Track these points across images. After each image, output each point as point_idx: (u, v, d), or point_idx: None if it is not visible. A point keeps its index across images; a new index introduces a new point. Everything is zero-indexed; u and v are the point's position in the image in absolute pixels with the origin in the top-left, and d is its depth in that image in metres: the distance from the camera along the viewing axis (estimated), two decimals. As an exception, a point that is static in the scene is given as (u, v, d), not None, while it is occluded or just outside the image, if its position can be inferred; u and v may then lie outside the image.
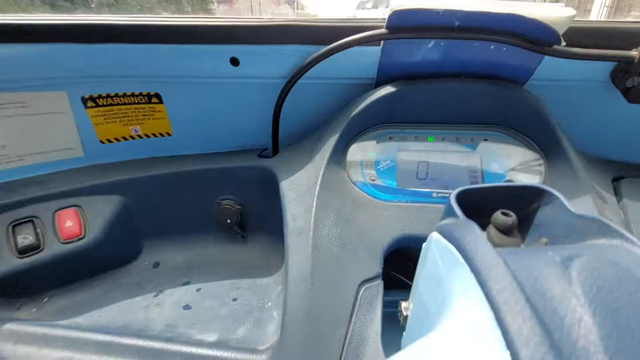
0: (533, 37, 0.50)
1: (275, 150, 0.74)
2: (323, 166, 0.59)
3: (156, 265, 0.73)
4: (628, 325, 0.17)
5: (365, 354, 0.46)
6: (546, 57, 0.53)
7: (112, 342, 0.52)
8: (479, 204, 0.39)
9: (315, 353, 0.46)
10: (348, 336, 0.47)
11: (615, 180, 0.65)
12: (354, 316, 0.48)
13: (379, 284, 0.51)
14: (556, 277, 0.21)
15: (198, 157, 0.77)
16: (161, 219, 0.75)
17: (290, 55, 0.59)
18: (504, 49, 0.53)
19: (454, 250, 0.26)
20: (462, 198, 0.37)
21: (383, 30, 0.52)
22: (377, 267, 0.52)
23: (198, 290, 0.66)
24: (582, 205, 0.54)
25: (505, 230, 0.33)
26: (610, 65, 0.57)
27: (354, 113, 0.60)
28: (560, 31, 0.49)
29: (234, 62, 0.60)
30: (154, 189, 0.72)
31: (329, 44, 0.56)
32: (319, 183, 0.57)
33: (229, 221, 0.74)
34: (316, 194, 0.56)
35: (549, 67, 0.55)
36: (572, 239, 0.31)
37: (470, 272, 0.23)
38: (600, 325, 0.17)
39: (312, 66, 0.58)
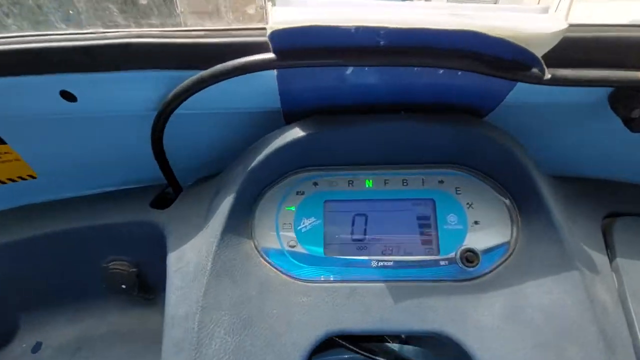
0: (501, 59, 0.32)
1: (177, 189, 0.56)
2: (215, 243, 0.42)
3: (36, 347, 0.58)
4: None
5: None
6: None
7: None
8: None
9: None
10: None
11: (607, 217, 0.51)
12: None
13: None
14: None
15: (77, 204, 0.58)
16: (37, 289, 0.58)
17: (149, 83, 0.40)
18: (459, 72, 0.35)
19: None
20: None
21: (270, 56, 0.33)
22: None
23: (81, 389, 0.52)
24: (568, 285, 0.40)
25: None
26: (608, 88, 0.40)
27: (254, 164, 0.42)
28: (545, 49, 0.31)
29: (68, 96, 0.40)
30: (16, 257, 0.55)
31: (199, 67, 0.37)
32: (209, 268, 0.41)
33: (124, 286, 0.58)
34: (203, 287, 0.40)
35: (526, 90, 0.38)
36: None
37: None
38: None
39: (181, 100, 0.39)
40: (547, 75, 0.32)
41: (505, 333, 0.39)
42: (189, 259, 0.44)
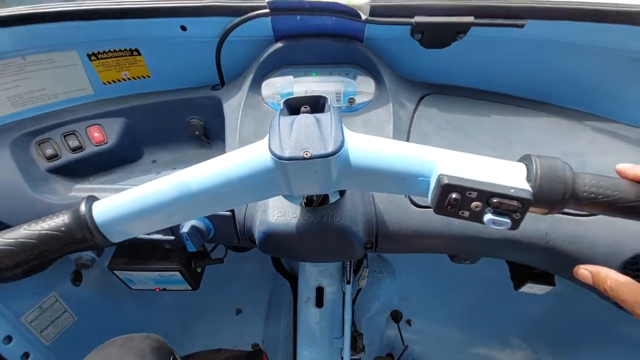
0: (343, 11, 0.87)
1: (222, 83, 1.13)
2: (244, 98, 1.00)
3: (154, 161, 1.17)
4: None
5: None
6: None
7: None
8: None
9: None
10: None
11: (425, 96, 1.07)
12: None
13: None
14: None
15: (171, 91, 1.15)
16: (153, 132, 1.17)
17: (218, 22, 0.95)
18: (334, 18, 0.90)
19: None
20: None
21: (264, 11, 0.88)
22: None
23: (181, 173, 1.11)
24: (386, 113, 0.97)
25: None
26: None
27: (258, 64, 0.99)
28: (367, 7, 0.86)
29: (183, 29, 0.96)
30: (144, 113, 1.12)
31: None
32: (242, 102, 0.99)
33: (197, 133, 1.16)
34: (241, 108, 0.98)
35: (370, 27, 0.94)
36: None
37: None
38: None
39: (230, 32, 0.94)
40: (364, 17, 0.87)
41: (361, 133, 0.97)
42: (233, 103, 1.02)
